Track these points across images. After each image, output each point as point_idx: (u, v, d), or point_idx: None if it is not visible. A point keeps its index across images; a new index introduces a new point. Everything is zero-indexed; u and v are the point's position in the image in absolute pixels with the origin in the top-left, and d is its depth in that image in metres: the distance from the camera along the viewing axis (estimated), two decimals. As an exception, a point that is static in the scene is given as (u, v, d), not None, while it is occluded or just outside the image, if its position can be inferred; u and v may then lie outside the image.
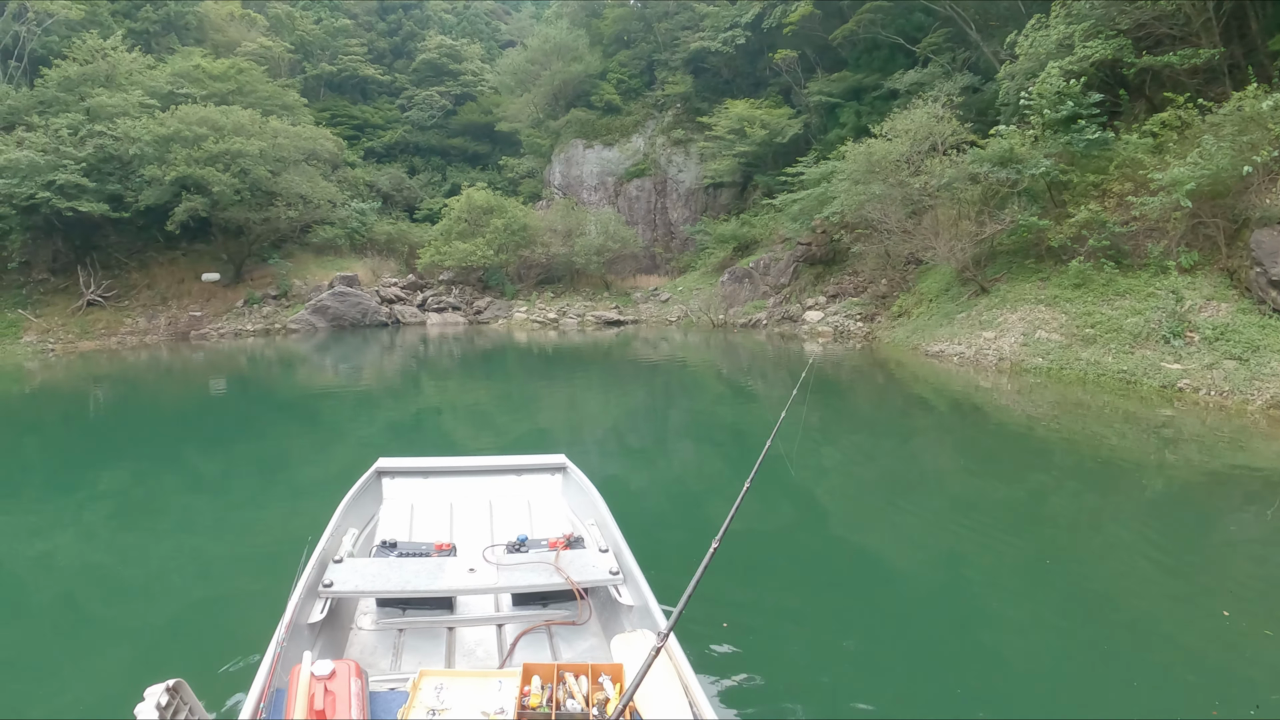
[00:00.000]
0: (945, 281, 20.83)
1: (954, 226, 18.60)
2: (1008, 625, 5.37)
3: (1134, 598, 5.71)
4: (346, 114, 42.51)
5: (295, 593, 3.75)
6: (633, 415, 14.34)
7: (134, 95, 27.62)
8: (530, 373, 20.11)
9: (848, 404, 14.00)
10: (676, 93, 37.25)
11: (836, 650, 5.02)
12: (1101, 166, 16.90)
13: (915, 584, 6.19)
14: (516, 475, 5.99)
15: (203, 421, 13.92)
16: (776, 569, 6.43)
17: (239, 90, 32.16)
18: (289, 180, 28.94)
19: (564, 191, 37.31)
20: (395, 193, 39.19)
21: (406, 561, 4.16)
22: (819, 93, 30.52)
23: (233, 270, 29.96)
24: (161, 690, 2.68)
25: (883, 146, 20.37)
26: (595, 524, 5.18)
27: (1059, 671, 4.70)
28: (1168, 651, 4.93)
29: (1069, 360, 14.31)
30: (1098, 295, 15.36)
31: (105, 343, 24.71)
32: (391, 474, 5.82)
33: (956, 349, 17.00)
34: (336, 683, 2.91)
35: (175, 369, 20.78)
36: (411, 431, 12.51)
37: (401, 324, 29.71)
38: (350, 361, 21.96)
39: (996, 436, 11.10)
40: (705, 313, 28.00)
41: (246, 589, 5.97)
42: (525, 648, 4.07)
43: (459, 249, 31.07)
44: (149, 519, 8.01)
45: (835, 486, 9.07)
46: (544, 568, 4.10)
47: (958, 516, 7.58)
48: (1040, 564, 6.41)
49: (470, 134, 43.93)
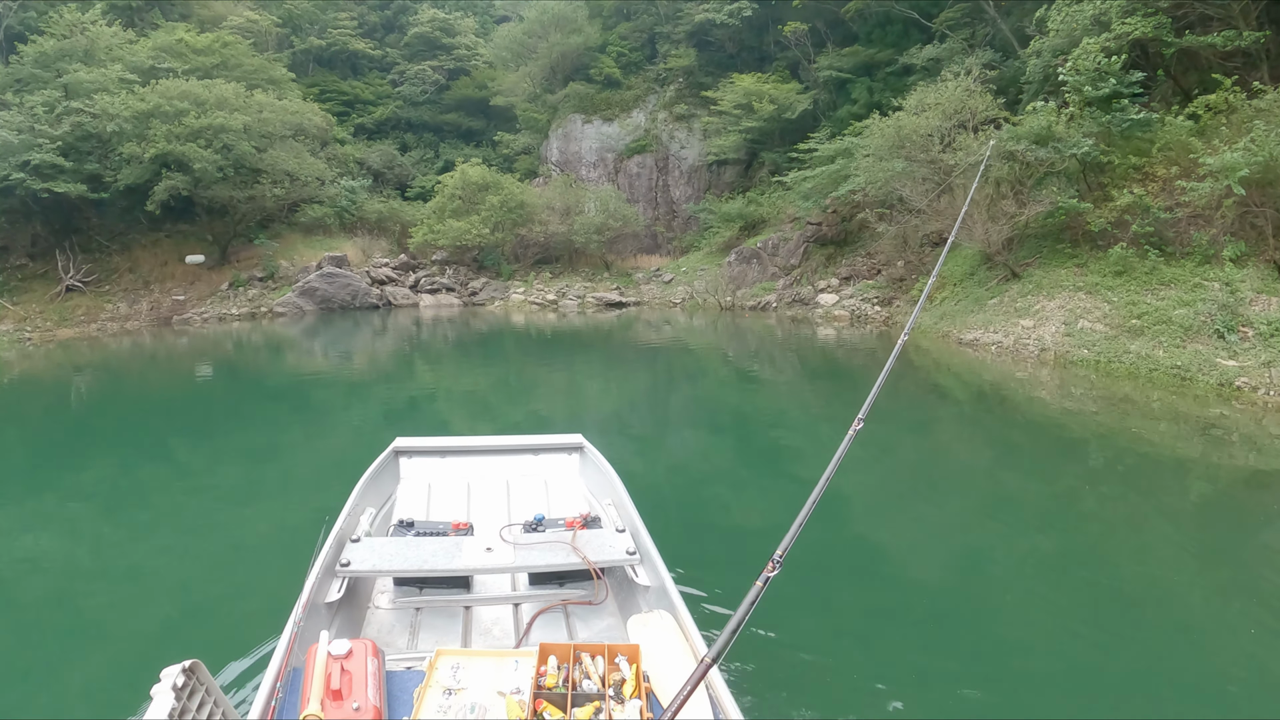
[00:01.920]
0: (969, 265, 20.48)
1: (990, 207, 18.02)
2: (1029, 626, 5.28)
3: (1165, 604, 5.63)
4: (336, 90, 42.05)
5: (312, 572, 3.81)
6: (639, 403, 14.18)
7: (113, 71, 27.16)
8: (529, 357, 19.95)
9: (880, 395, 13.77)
10: (679, 66, 36.85)
11: (853, 645, 5.00)
12: (1143, 149, 16.49)
13: (935, 579, 6.10)
14: (534, 455, 6.13)
15: (193, 411, 13.79)
16: (794, 559, 6.22)
17: (223, 64, 31.74)
18: (275, 156, 28.53)
19: (561, 168, 36.99)
20: (386, 170, 38.86)
21: (424, 541, 4.24)
22: (829, 68, 30.17)
23: (218, 252, 29.64)
24: (178, 671, 2.76)
25: (912, 120, 19.93)
26: (612, 504, 5.25)
27: (1080, 675, 4.62)
28: (1195, 660, 4.85)
29: (1117, 353, 13.82)
30: (1141, 284, 14.91)
31: (85, 330, 24.39)
32: (409, 453, 5.94)
33: (993, 338, 16.54)
34: (353, 662, 2.96)
35: (159, 356, 20.55)
36: (406, 418, 12.38)
37: (393, 306, 29.48)
38: (340, 346, 21.78)
39: (1033, 430, 10.83)
40: (711, 294, 27.78)
41: (258, 573, 6.19)
42: (542, 627, 4.13)
43: (453, 227, 30.74)
44: (150, 509, 8.10)
45: (863, 480, 8.87)
46: (561, 547, 4.19)
47: (985, 513, 7.46)
48: (1069, 564, 6.29)
49: (464, 109, 43.53)
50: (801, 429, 11.54)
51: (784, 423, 12.08)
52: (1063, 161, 16.82)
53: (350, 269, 29.55)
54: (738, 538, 7.11)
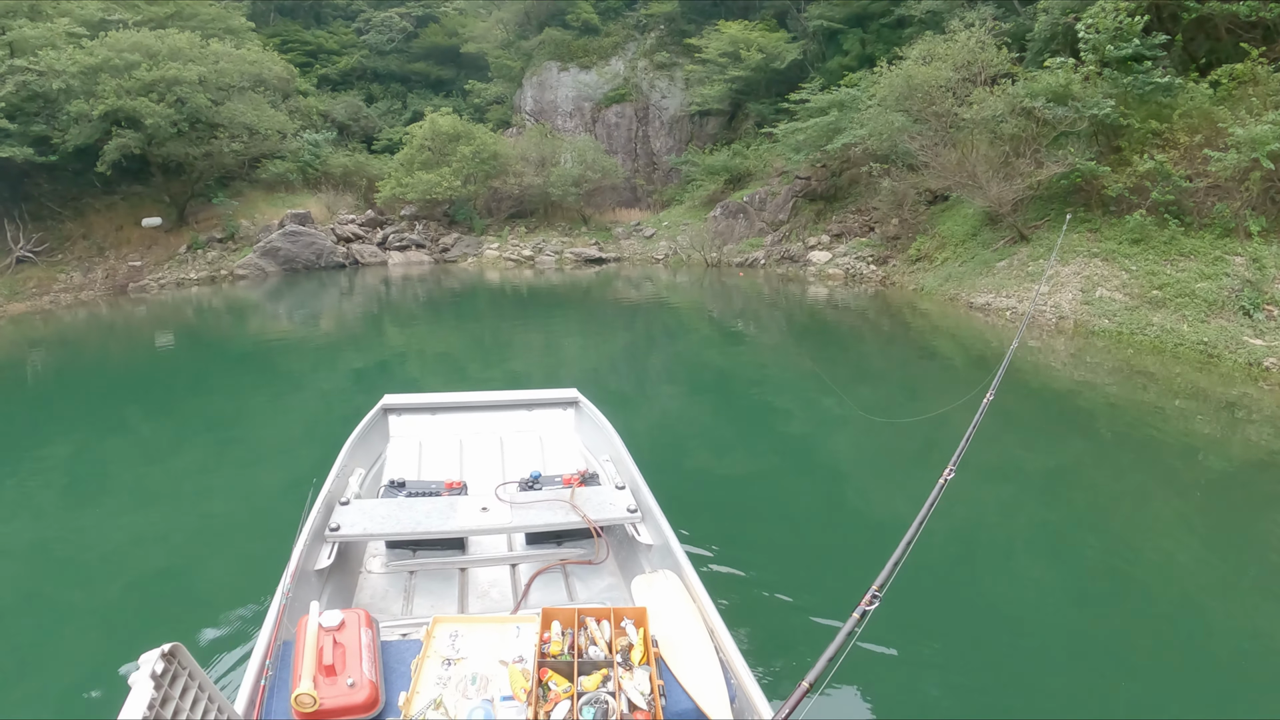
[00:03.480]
0: (971, 225, 20.21)
1: (1005, 165, 17.64)
2: (1024, 606, 5.23)
3: (1167, 585, 5.57)
4: (299, 39, 40.89)
5: (300, 538, 3.76)
6: (625, 364, 14.06)
7: (60, 25, 26.17)
8: (505, 317, 19.68)
9: (883, 363, 13.71)
10: (661, 13, 36.13)
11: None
12: (1163, 114, 16.21)
13: (929, 549, 6.05)
14: (527, 410, 6.12)
15: (156, 382, 13.55)
16: (804, 527, 6.42)
17: (178, 14, 30.64)
18: (233, 109, 27.59)
19: (536, 118, 36.35)
20: (352, 122, 37.97)
21: (417, 501, 4.21)
22: (820, 17, 29.59)
23: (175, 213, 28.77)
24: (157, 656, 2.65)
25: (924, 71, 19.61)
26: (610, 460, 5.30)
27: (1075, 659, 4.59)
28: (1194, 646, 4.79)
29: (1139, 324, 13.55)
30: (1159, 254, 14.68)
31: (38, 303, 23.49)
32: (398, 410, 5.92)
33: (1006, 302, 16.21)
34: (346, 634, 2.92)
35: (118, 327, 20.05)
36: (379, 382, 12.10)
37: (360, 265, 28.93)
38: (306, 308, 21.42)
39: (1043, 402, 10.68)
40: (696, 250, 27.46)
41: (241, 544, 6.10)
42: (540, 588, 4.10)
43: (422, 180, 29.99)
44: (118, 487, 7.94)
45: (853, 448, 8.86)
46: (559, 506, 4.16)
47: (984, 483, 7.31)
48: (1068, 539, 6.29)
49: (433, 58, 42.56)
50: (816, 401, 11.37)
51: (793, 390, 11.86)
52: (1082, 122, 16.52)
53: (315, 227, 28.91)
54: (739, 495, 7.10)
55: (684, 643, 3.00)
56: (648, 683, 2.74)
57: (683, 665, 2.87)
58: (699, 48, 31.84)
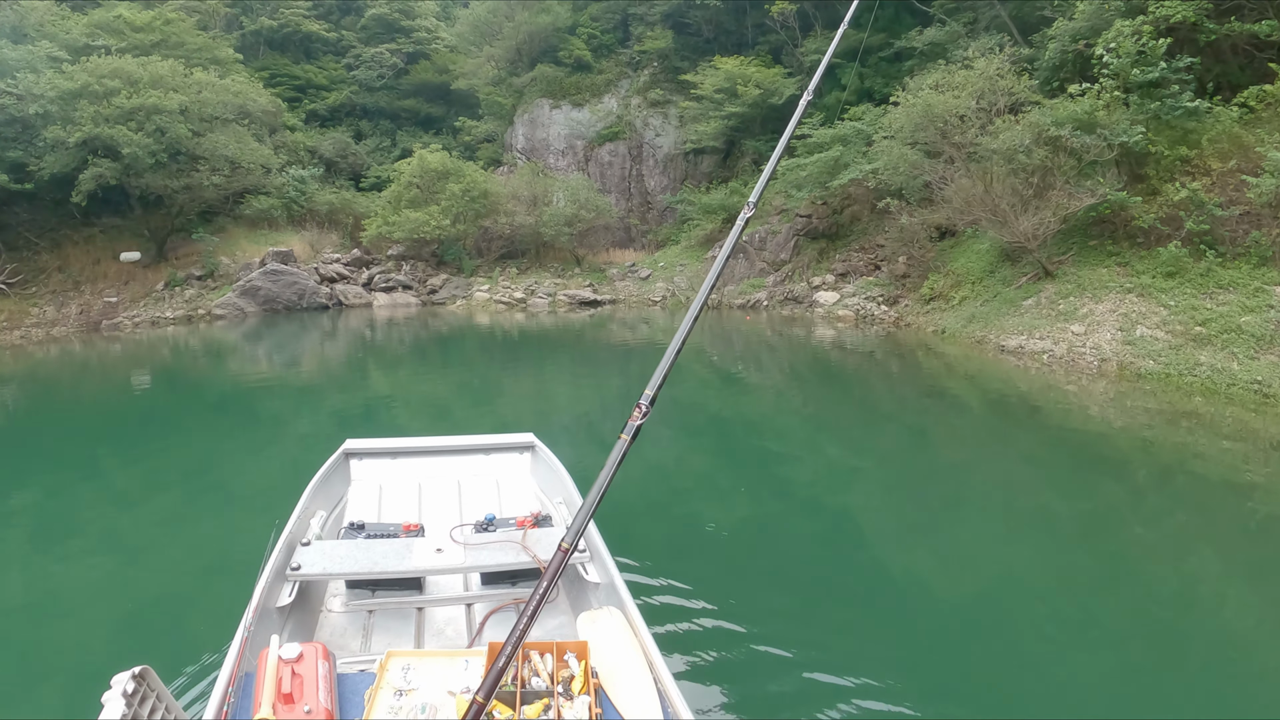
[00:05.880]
0: (987, 261, 20.22)
1: (1035, 198, 17.47)
2: (1064, 653, 5.33)
3: (1206, 643, 5.54)
4: (288, 73, 41.84)
5: (262, 577, 4.06)
6: (615, 409, 14.23)
7: (42, 48, 26.88)
8: (495, 363, 19.84)
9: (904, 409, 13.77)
10: (654, 49, 37.11)
11: (838, 663, 5.11)
12: (1191, 140, 16.32)
13: (959, 598, 6.22)
14: (485, 455, 6.53)
15: (129, 423, 13.83)
16: (796, 578, 6.56)
17: (163, 42, 31.47)
18: (214, 141, 28.13)
19: (527, 156, 37.03)
20: (339, 159, 38.74)
21: (375, 543, 4.51)
22: (817, 52, 30.39)
23: (154, 248, 29.27)
24: (128, 678, 2.95)
25: (943, 100, 19.56)
26: (563, 502, 5.75)
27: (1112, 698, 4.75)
28: (1239, 691, 4.91)
29: (1186, 364, 13.27)
30: (1196, 287, 14.57)
31: (7, 337, 23.81)
32: (359, 455, 6.29)
33: (1040, 344, 15.85)
34: (304, 665, 3.16)
35: (91, 365, 20.31)
36: (357, 428, 12.23)
37: (344, 306, 29.24)
38: (286, 351, 21.70)
39: (1075, 447, 10.62)
40: (694, 291, 27.64)
41: (207, 583, 6.38)
42: (494, 626, 4.41)
43: (410, 218, 30.47)
44: (88, 527, 8.21)
45: (883, 497, 9.07)
46: (511, 546, 4.47)
47: (1017, 532, 7.52)
48: (1104, 589, 6.36)
49: (423, 95, 43.53)
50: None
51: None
52: (1110, 150, 16.46)
53: (298, 265, 29.33)
54: (694, 533, 7.51)
55: (623, 674, 3.32)
56: (586, 711, 3.06)
57: (621, 695, 3.20)
58: (694, 84, 32.61)
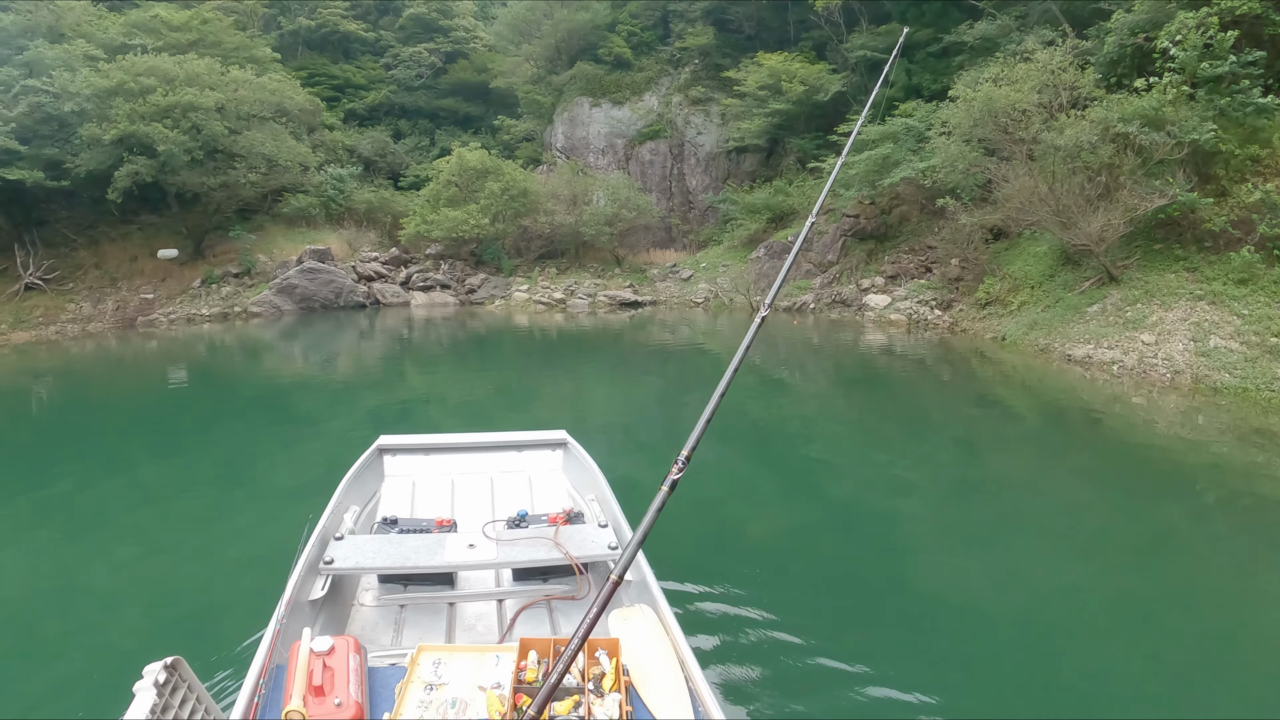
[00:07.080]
0: (1046, 264, 19.58)
1: (1102, 197, 16.75)
2: (1115, 683, 5.19)
3: (1271, 681, 5.36)
4: (326, 73, 42.55)
5: (295, 570, 4.15)
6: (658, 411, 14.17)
7: (78, 47, 27.45)
8: (534, 362, 19.84)
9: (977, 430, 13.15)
10: (695, 46, 37.07)
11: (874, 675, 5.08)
12: (1263, 138, 15.80)
13: (1000, 621, 6.08)
14: (517, 451, 6.63)
15: (166, 418, 13.97)
16: (837, 587, 6.53)
17: (200, 41, 32.05)
18: (251, 139, 28.57)
19: (567, 155, 37.20)
20: (378, 158, 39.24)
21: (407, 538, 4.61)
22: (862, 48, 30.13)
23: (191, 245, 29.79)
24: (160, 668, 3.05)
25: (1004, 93, 18.82)
26: (595, 499, 5.72)
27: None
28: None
29: (1264, 378, 12.71)
30: (1269, 295, 14.07)
31: (43, 333, 24.31)
32: (393, 451, 6.41)
33: (1110, 354, 15.20)
34: (335, 658, 3.22)
35: (127, 361, 20.67)
36: (389, 425, 12.24)
37: (381, 305, 29.46)
38: (322, 350, 21.89)
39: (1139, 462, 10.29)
40: (738, 293, 27.54)
41: (241, 576, 6.60)
42: (525, 622, 4.47)
43: (448, 217, 30.58)
44: (124, 518, 8.47)
45: (932, 509, 8.93)
46: (543, 543, 4.54)
47: (1073, 551, 7.33)
48: (1161, 617, 6.20)
49: (462, 94, 43.98)
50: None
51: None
52: (1179, 149, 15.85)
53: (334, 264, 29.67)
54: (731, 536, 7.56)
55: (654, 672, 3.35)
56: (617, 708, 3.03)
57: (652, 693, 3.22)
58: (737, 80, 32.48)
